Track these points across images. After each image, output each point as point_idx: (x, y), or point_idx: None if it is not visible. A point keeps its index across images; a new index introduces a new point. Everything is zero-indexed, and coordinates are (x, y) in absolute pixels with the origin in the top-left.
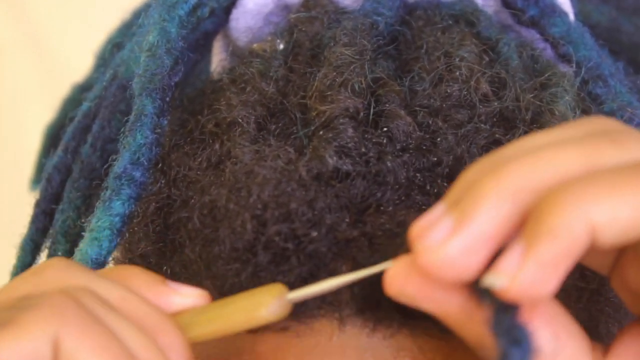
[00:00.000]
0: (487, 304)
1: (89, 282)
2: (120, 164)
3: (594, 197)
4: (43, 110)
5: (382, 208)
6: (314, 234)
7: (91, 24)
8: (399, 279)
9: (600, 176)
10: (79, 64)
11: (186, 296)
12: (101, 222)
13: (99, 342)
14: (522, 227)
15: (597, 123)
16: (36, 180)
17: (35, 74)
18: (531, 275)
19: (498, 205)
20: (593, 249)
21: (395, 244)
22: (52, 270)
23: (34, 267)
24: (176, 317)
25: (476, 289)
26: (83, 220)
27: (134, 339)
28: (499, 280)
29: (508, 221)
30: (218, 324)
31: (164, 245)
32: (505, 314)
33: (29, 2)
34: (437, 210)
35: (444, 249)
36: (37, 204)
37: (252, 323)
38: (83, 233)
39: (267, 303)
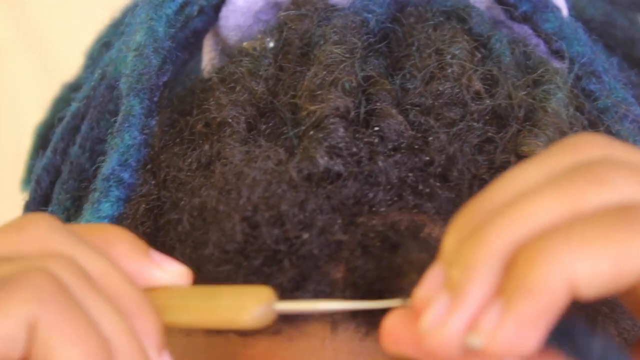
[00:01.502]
0: None
1: (71, 249)
2: (109, 165)
3: (573, 251)
4: (43, 110)
5: (374, 209)
6: (306, 235)
7: (91, 24)
8: (397, 337)
9: (579, 227)
10: (79, 64)
11: (168, 272)
12: None
13: (76, 330)
14: (502, 283)
15: (582, 149)
16: (27, 181)
17: (35, 74)
18: (510, 333)
19: (487, 274)
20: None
21: (388, 246)
22: (35, 229)
23: (16, 220)
24: (154, 295)
25: None
26: (72, 222)
27: (111, 322)
28: (478, 340)
29: (496, 280)
30: (197, 315)
31: (155, 247)
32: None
33: (29, 2)
34: (435, 275)
35: (445, 330)
36: (27, 206)
37: (232, 325)
38: None
39: (251, 308)
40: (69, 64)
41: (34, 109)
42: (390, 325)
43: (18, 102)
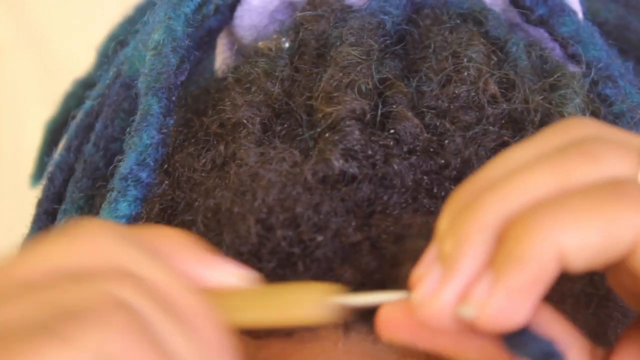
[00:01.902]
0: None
1: (134, 260)
2: (126, 164)
3: (562, 223)
4: (43, 110)
5: (388, 211)
6: (320, 238)
7: (91, 24)
8: (392, 323)
9: (569, 200)
10: (79, 64)
11: (232, 275)
12: None
13: None
14: (493, 255)
15: (574, 130)
16: (36, 176)
17: (35, 74)
18: (500, 305)
19: (478, 246)
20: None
21: (402, 248)
22: (92, 237)
23: (66, 227)
24: (216, 297)
25: None
26: None
27: (178, 342)
28: (469, 310)
29: (488, 252)
30: (265, 314)
31: None
32: (519, 335)
33: (29, 2)
34: (430, 254)
35: (436, 301)
36: (39, 204)
37: (298, 321)
38: None
39: (317, 302)
40: (69, 64)
41: (34, 109)
42: (386, 312)
43: (18, 102)
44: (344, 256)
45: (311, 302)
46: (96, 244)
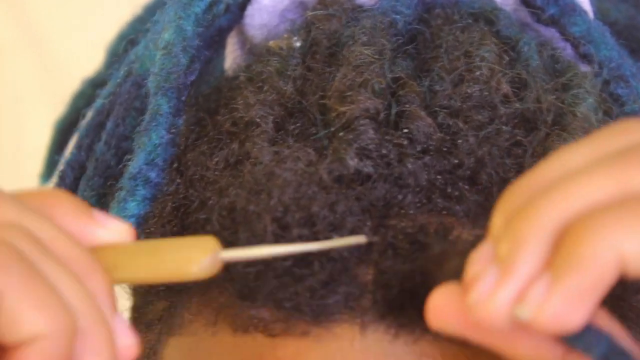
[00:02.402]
0: None
1: (21, 216)
2: (135, 164)
3: (623, 227)
4: (43, 110)
5: (403, 211)
6: (336, 237)
7: (91, 24)
8: (443, 312)
9: (630, 204)
10: (79, 64)
11: (112, 230)
12: None
13: (41, 295)
14: (551, 258)
15: (633, 132)
16: (46, 175)
17: (35, 74)
18: (558, 307)
19: (536, 248)
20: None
21: (417, 248)
22: None
23: None
24: (100, 254)
25: None
26: None
27: (68, 286)
28: (526, 311)
29: (545, 255)
30: (145, 271)
31: None
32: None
33: (29, 2)
34: (484, 252)
35: (493, 302)
36: None
37: (180, 277)
38: None
39: (198, 259)
40: (69, 63)
41: (34, 109)
42: (437, 300)
43: (18, 102)
44: (359, 255)
45: (193, 258)
46: None
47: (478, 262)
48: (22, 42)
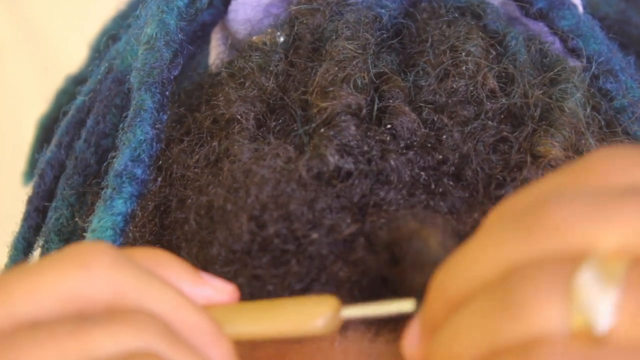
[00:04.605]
0: None
1: (140, 286)
2: (121, 161)
3: None
4: (43, 109)
5: (384, 208)
6: (315, 235)
7: (91, 23)
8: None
9: None
10: (79, 63)
11: (219, 290)
12: (103, 222)
13: None
14: None
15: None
16: (29, 174)
17: (35, 73)
18: None
19: None
20: None
21: (398, 245)
22: (101, 267)
23: (75, 251)
24: (210, 312)
25: None
26: (77, 218)
27: None
28: None
29: None
30: (266, 326)
31: (161, 247)
32: None
33: (29, 1)
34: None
35: None
36: (30, 201)
37: (301, 332)
38: (82, 234)
39: (322, 314)
40: (69, 63)
41: (34, 108)
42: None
43: (18, 101)
44: (339, 253)
45: (318, 313)
46: (104, 274)
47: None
48: (22, 41)
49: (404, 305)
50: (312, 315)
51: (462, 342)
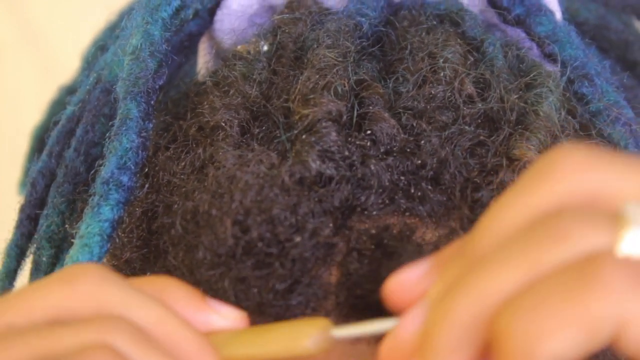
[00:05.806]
0: None
1: (125, 300)
2: (107, 168)
3: (543, 329)
4: (42, 111)
5: (366, 212)
6: (297, 239)
7: (91, 24)
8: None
9: (542, 294)
10: (78, 64)
11: (225, 317)
12: (90, 228)
13: None
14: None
15: (557, 182)
16: (24, 183)
17: (35, 73)
18: None
19: (452, 351)
20: None
21: (380, 249)
22: (86, 284)
23: (65, 272)
24: (211, 337)
25: None
26: (67, 225)
27: None
28: None
29: (472, 345)
30: (255, 348)
31: (148, 251)
32: None
33: (29, 1)
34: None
35: None
36: (22, 209)
37: (293, 352)
38: (72, 240)
39: (312, 334)
40: (69, 64)
41: (34, 109)
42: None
43: (18, 102)
44: (321, 257)
45: (307, 333)
46: (88, 290)
47: (405, 326)
48: (21, 41)
49: (392, 324)
50: (302, 336)
51: (508, 266)
